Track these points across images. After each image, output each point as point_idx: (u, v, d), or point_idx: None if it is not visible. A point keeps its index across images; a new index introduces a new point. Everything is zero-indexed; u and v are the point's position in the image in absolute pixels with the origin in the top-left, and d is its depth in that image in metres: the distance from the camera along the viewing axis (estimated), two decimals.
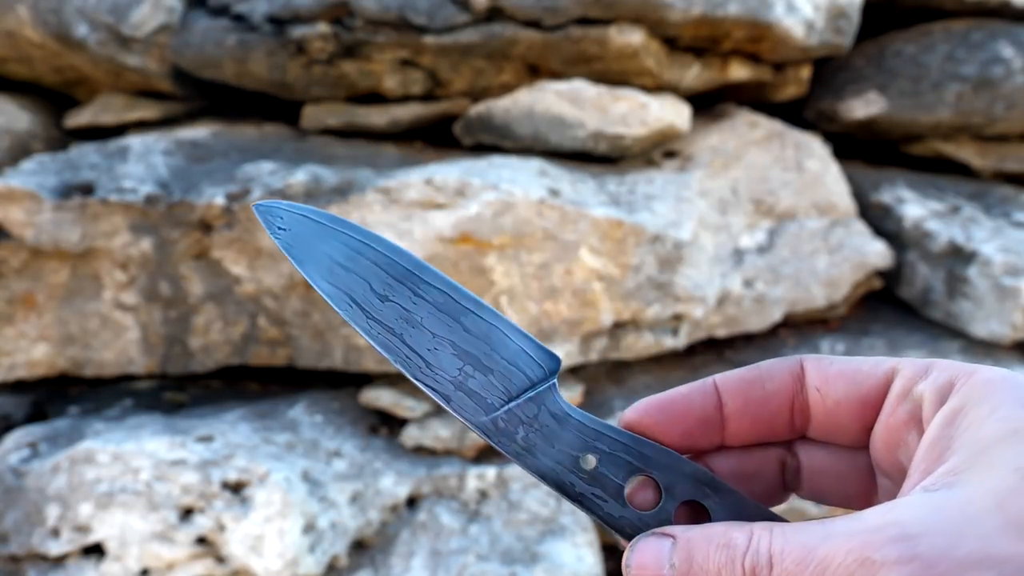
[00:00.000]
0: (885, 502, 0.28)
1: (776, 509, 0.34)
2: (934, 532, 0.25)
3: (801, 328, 1.45)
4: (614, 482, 0.32)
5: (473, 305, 0.34)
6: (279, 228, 0.35)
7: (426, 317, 0.34)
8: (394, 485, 1.13)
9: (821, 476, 0.34)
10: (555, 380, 0.33)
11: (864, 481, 0.34)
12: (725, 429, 0.33)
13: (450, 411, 0.33)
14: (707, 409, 0.33)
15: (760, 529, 0.28)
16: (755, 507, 0.33)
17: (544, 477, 0.32)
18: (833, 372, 0.32)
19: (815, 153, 1.49)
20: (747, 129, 1.49)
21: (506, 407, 0.33)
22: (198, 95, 1.51)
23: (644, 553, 0.30)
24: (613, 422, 0.35)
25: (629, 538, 0.32)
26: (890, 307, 1.51)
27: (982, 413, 0.28)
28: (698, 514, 0.32)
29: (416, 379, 0.33)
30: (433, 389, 0.33)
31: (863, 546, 0.26)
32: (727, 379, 0.33)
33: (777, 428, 0.34)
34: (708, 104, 1.55)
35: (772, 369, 0.33)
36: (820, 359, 0.33)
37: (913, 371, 0.31)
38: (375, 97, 1.43)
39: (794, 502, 1.03)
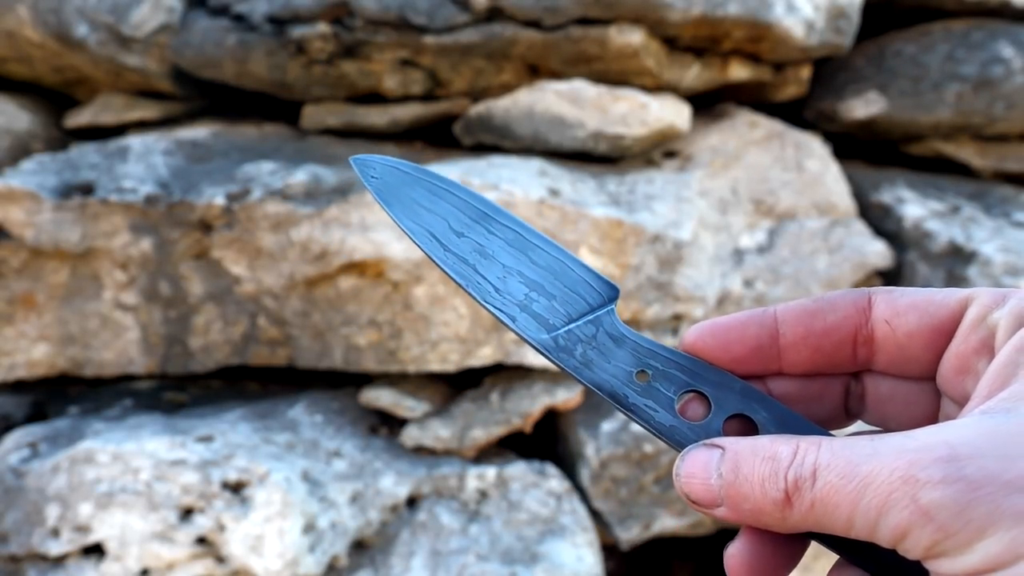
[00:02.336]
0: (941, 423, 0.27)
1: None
2: (984, 455, 0.25)
3: None
4: (665, 395, 0.34)
5: (541, 242, 0.37)
6: (372, 177, 0.38)
7: (497, 251, 0.37)
8: (394, 485, 1.13)
9: (887, 403, 0.34)
10: (613, 306, 0.36)
11: (931, 409, 0.33)
12: (783, 359, 0.33)
13: (515, 330, 0.35)
14: (762, 338, 0.33)
15: (807, 443, 0.28)
16: (805, 423, 0.33)
17: (600, 388, 0.34)
18: (904, 304, 0.32)
19: (815, 153, 1.49)
20: (747, 129, 1.49)
21: (566, 327, 0.35)
22: (198, 95, 1.51)
23: (693, 462, 0.31)
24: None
25: (679, 447, 0.33)
26: None
27: None
28: (747, 428, 0.33)
29: (485, 302, 0.36)
30: (500, 311, 0.35)
31: (909, 465, 0.25)
32: (788, 310, 0.33)
33: (839, 360, 0.33)
34: (708, 104, 1.55)
35: (836, 301, 0.33)
36: (890, 291, 0.32)
37: (990, 299, 0.30)
38: (375, 97, 1.43)
39: None
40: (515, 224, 0.37)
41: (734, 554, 0.31)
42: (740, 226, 1.38)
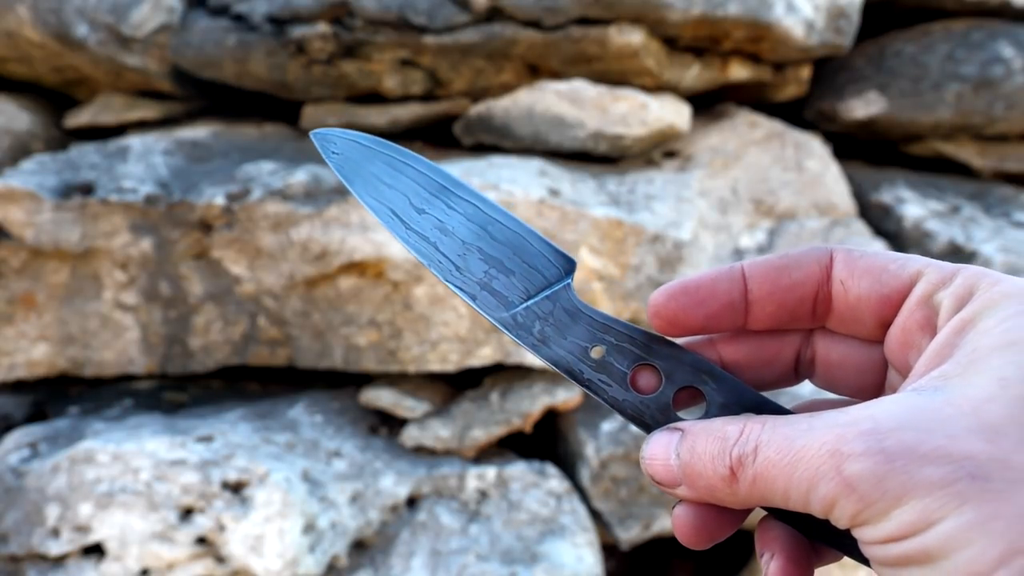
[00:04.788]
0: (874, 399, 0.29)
1: None
2: (904, 428, 0.26)
3: None
4: (619, 369, 0.35)
5: (499, 215, 0.38)
6: (333, 152, 0.39)
7: (457, 227, 0.38)
8: (394, 485, 1.13)
9: (835, 367, 0.35)
10: (570, 280, 0.37)
11: (877, 375, 0.35)
12: (748, 314, 0.34)
13: (475, 308, 0.36)
14: (732, 294, 0.34)
15: (753, 423, 0.30)
16: (751, 393, 0.35)
17: (557, 364, 0.36)
18: (860, 267, 0.33)
19: (815, 153, 1.49)
20: (747, 129, 1.49)
21: (524, 304, 0.36)
22: (198, 95, 1.51)
23: (656, 444, 0.33)
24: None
25: (630, 419, 0.35)
26: None
27: (989, 324, 0.28)
28: (697, 398, 0.35)
29: (447, 281, 0.37)
30: (461, 289, 0.36)
31: (836, 439, 0.27)
32: (755, 265, 0.34)
33: (799, 316, 0.35)
34: (708, 104, 1.55)
35: (801, 258, 0.34)
36: (850, 251, 0.33)
37: (939, 277, 0.31)
38: (375, 97, 1.43)
39: None
40: (473, 197, 0.38)
41: (680, 514, 0.33)
42: (740, 226, 1.38)
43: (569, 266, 0.37)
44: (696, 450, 0.31)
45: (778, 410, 0.35)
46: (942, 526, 0.25)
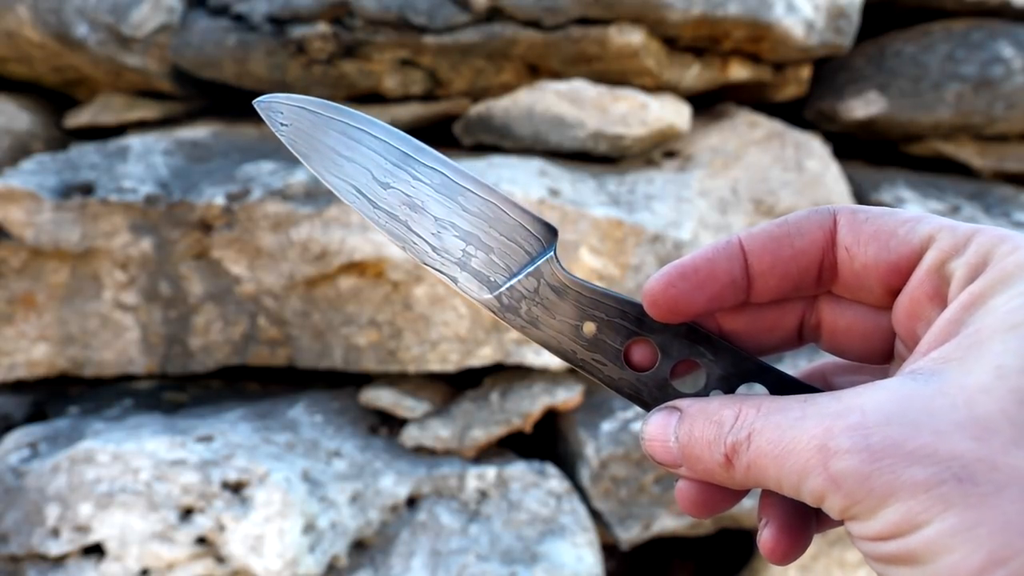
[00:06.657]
0: (869, 382, 0.28)
1: None
2: (892, 423, 0.26)
3: None
4: (612, 347, 0.34)
5: (469, 182, 0.35)
6: (281, 124, 0.36)
7: (427, 200, 0.35)
8: (394, 485, 1.13)
9: (842, 333, 0.34)
10: (553, 251, 0.34)
11: (886, 341, 0.33)
12: (751, 289, 0.33)
13: (458, 291, 0.34)
14: (733, 272, 0.32)
15: (747, 407, 0.29)
16: (751, 362, 0.34)
17: (547, 346, 0.34)
18: (866, 232, 0.31)
19: (815, 153, 1.49)
20: (747, 129, 1.49)
21: (507, 284, 0.34)
22: (198, 95, 1.51)
23: (655, 425, 0.32)
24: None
25: (628, 397, 0.34)
26: None
27: (999, 301, 0.27)
28: (695, 367, 0.34)
29: (424, 263, 0.35)
30: (440, 272, 0.35)
31: (824, 432, 0.27)
32: (753, 238, 0.32)
33: (804, 285, 0.33)
34: (708, 104, 1.55)
35: (802, 224, 0.32)
36: (855, 214, 0.31)
37: (951, 243, 0.29)
38: (375, 97, 1.43)
39: None
40: (439, 164, 0.36)
41: (682, 488, 0.33)
42: (740, 226, 1.38)
43: (550, 235, 0.35)
44: (694, 434, 0.31)
45: (780, 379, 0.33)
46: (926, 530, 0.25)
